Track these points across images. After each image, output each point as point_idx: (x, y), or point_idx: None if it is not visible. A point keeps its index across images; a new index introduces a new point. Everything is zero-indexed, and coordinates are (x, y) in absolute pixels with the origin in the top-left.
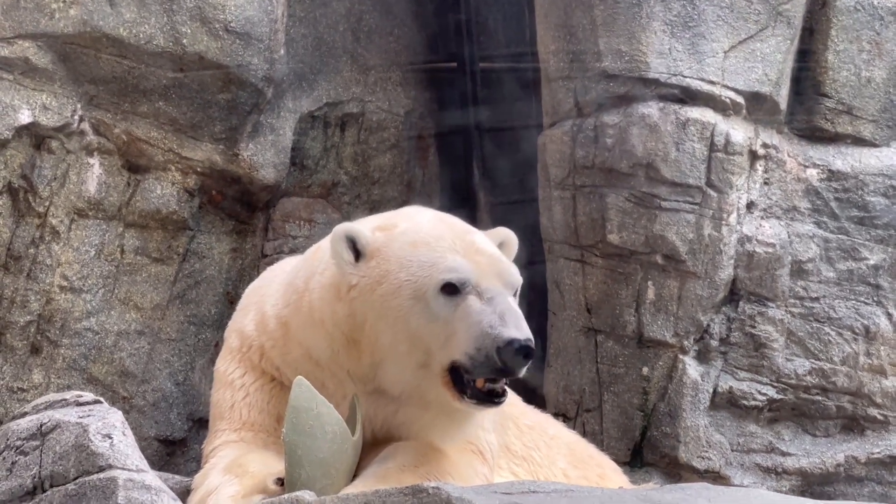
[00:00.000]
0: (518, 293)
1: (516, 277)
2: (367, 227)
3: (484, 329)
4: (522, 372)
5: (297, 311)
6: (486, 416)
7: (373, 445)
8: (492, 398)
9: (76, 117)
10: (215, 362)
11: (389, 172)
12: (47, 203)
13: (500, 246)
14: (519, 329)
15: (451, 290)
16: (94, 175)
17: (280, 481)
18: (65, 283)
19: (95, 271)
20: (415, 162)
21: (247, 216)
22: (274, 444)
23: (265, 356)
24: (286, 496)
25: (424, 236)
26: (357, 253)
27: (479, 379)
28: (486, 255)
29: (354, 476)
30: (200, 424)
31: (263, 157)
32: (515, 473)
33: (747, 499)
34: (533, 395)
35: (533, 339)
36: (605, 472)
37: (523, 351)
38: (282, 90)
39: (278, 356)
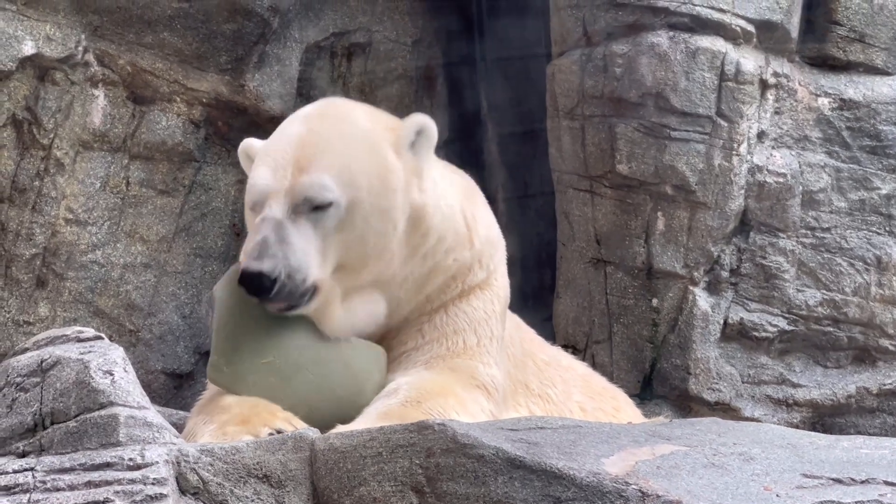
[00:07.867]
0: (333, 205)
1: (312, 193)
2: None
3: (243, 253)
4: (271, 305)
5: None
6: (490, 352)
7: None
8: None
9: (80, 48)
10: None
11: (397, 103)
12: (52, 135)
13: (418, 134)
14: (258, 259)
15: (252, 207)
16: (98, 106)
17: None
18: (70, 216)
19: (101, 204)
20: (422, 92)
21: None
22: None
23: None
24: (290, 432)
25: (267, 146)
26: None
27: None
28: (293, 169)
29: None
30: (207, 357)
31: (270, 88)
32: (532, 412)
33: (757, 433)
34: (542, 328)
35: (268, 272)
36: (619, 404)
37: (244, 284)
38: (288, 20)
39: None
